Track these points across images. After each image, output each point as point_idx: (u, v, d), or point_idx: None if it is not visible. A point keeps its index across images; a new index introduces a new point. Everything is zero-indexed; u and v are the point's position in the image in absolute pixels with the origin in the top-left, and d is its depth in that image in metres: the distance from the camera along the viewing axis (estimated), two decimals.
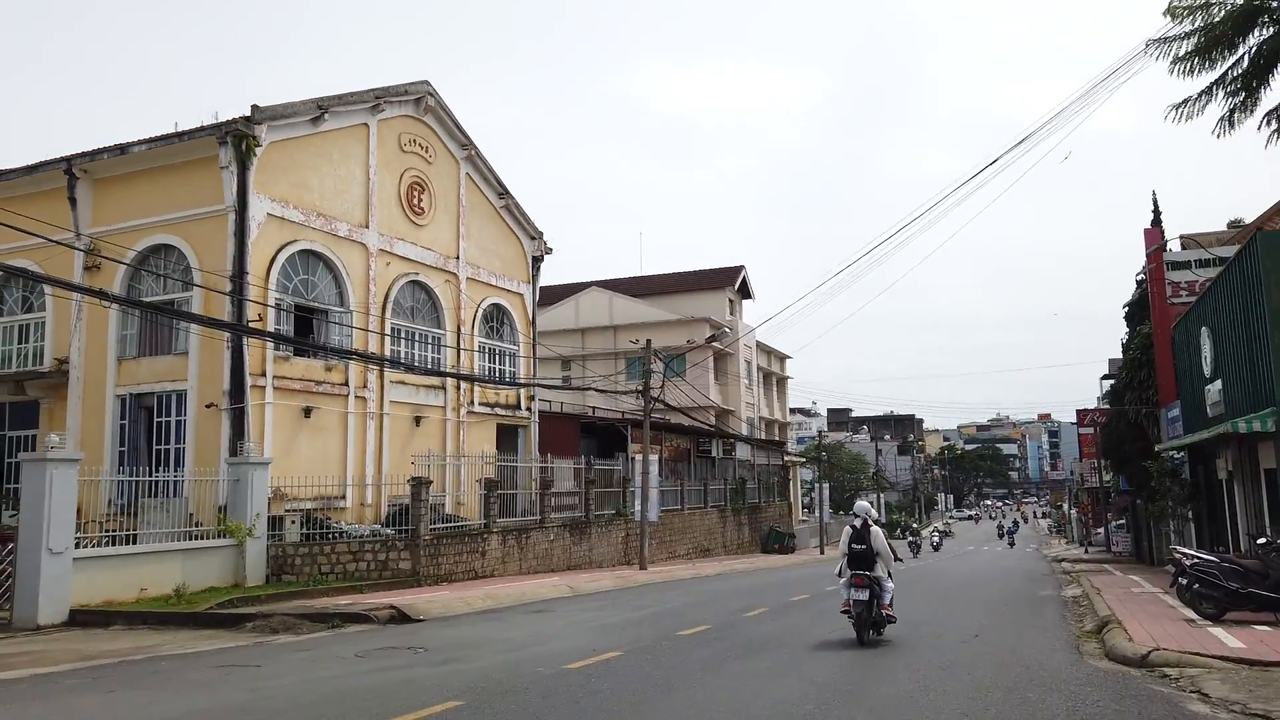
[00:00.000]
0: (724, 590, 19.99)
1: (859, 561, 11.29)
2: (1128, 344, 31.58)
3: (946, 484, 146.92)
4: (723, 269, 60.35)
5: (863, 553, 11.32)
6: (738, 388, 56.36)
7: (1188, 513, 24.77)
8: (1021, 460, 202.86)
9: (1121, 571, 25.62)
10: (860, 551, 11.34)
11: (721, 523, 38.28)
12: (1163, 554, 26.88)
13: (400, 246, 24.78)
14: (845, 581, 11.35)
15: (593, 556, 26.63)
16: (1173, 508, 24.85)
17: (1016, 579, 25.11)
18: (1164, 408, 25.58)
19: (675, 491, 34.04)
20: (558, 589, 19.39)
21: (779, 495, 47.66)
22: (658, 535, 31.40)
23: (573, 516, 26.42)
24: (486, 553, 21.50)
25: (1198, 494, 23.79)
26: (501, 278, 29.07)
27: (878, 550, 11.41)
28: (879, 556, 11.40)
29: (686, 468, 36.56)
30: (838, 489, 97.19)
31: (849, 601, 11.16)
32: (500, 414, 28.50)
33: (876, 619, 11.19)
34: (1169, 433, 24.89)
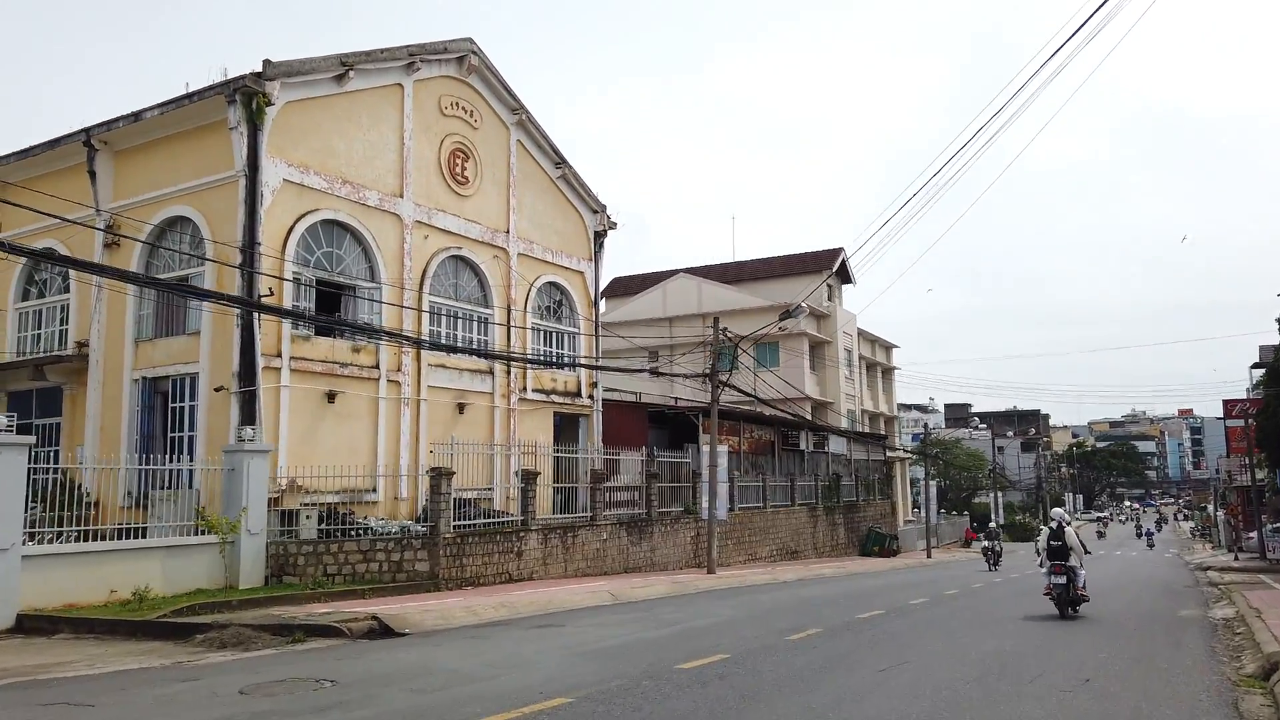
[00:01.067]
0: (786, 602, 17.09)
1: (1056, 554, 14.60)
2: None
3: (1075, 483, 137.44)
4: (819, 252, 56.80)
5: (1059, 547, 14.59)
6: (836, 378, 52.80)
7: None
8: (1160, 459, 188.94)
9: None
10: (1057, 546, 14.61)
11: (811, 522, 35.08)
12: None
13: (440, 218, 22.82)
14: (1046, 570, 14.81)
15: (655, 558, 24.08)
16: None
17: (1152, 592, 21.20)
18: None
19: (756, 488, 31.12)
20: (597, 595, 16.95)
21: (879, 493, 43.95)
22: (734, 535, 28.60)
23: (632, 514, 23.93)
24: (524, 553, 19.23)
25: None
26: (559, 254, 26.82)
27: (1071, 546, 14.61)
28: (1072, 550, 14.60)
29: (770, 462, 33.54)
30: (953, 487, 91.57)
31: (1050, 585, 14.63)
32: (558, 402, 26.26)
33: (1073, 598, 14.50)
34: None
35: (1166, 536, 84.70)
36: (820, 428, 38.22)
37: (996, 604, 17.70)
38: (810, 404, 50.08)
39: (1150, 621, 14.65)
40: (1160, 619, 15.14)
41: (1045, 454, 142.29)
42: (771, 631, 12.07)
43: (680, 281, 54.69)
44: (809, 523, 34.84)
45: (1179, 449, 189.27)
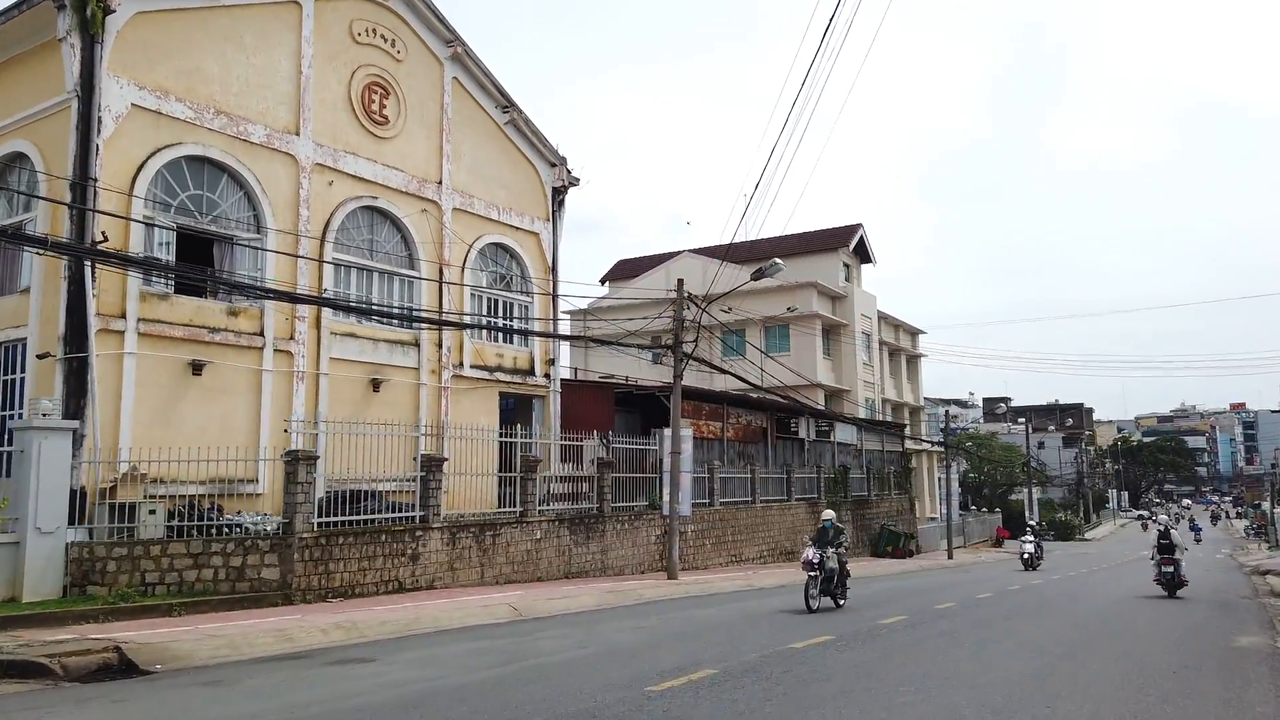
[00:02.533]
0: (725, 620, 13.46)
1: (1165, 550, 18.98)
2: None
3: (1120, 479, 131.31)
4: (836, 228, 52.83)
5: (1167, 545, 18.99)
6: (853, 364, 48.86)
7: None
8: (1210, 454, 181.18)
9: None
10: (1166, 544, 19.02)
11: (812, 519, 31.26)
12: None
13: (350, 162, 19.50)
14: (1155, 562, 19.09)
15: (608, 561, 20.59)
16: None
17: (1198, 611, 17.26)
18: None
19: (744, 479, 27.47)
20: (492, 611, 13.55)
21: (896, 488, 40.00)
22: (714, 534, 25.01)
23: (578, 509, 20.47)
24: (421, 556, 15.84)
25: None
26: (507, 212, 23.39)
27: (1176, 543, 19.00)
28: (1177, 547, 18.94)
29: (762, 451, 29.86)
30: (989, 483, 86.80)
31: (1160, 574, 18.89)
32: (504, 380, 22.86)
33: (1178, 583, 18.70)
34: None
35: (1217, 535, 79.29)
36: (824, 414, 34.43)
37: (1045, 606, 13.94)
38: (823, 392, 46.27)
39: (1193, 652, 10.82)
40: (1207, 649, 11.29)
41: (1088, 449, 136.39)
42: (648, 674, 8.52)
43: (685, 261, 50.97)
44: (809, 519, 31.04)
45: (1231, 444, 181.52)
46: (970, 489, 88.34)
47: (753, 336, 47.77)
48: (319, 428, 16.57)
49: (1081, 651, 10.84)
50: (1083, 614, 15.46)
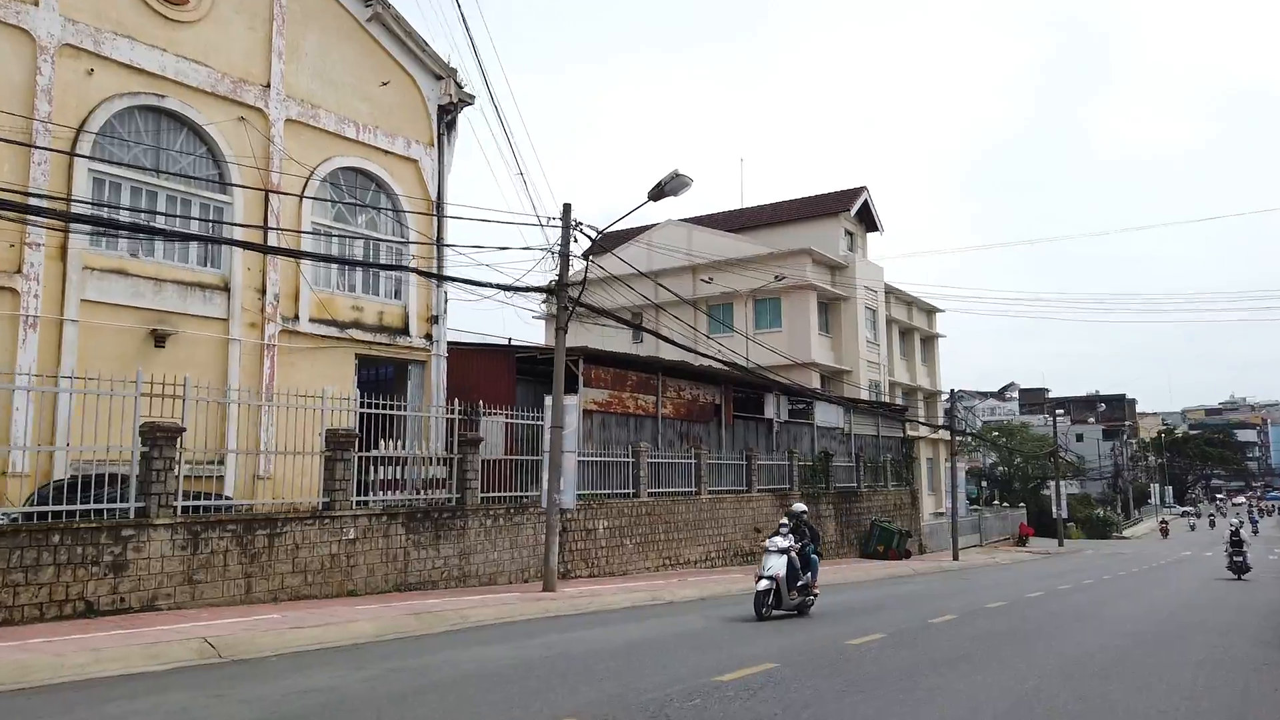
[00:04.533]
0: (481, 671, 8.74)
1: (1237, 545, 23.82)
2: None
3: (1163, 473, 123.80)
4: (836, 192, 47.68)
5: (1239, 540, 23.95)
6: (855, 342, 43.73)
7: None
8: (1261, 448, 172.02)
9: None
10: (1238, 540, 23.92)
11: (781, 513, 26.36)
12: None
13: (124, 48, 15.02)
14: (1228, 551, 23.99)
15: (471, 568, 15.94)
16: None
17: (1241, 637, 12.20)
18: None
19: (685, 465, 22.66)
20: (173, 651, 8.97)
21: (894, 478, 34.88)
22: (636, 532, 20.27)
23: (428, 500, 15.83)
24: (132, 565, 11.28)
25: None
26: (370, 130, 18.81)
27: (1244, 540, 24.41)
28: (1245, 542, 24.29)
29: (714, 432, 24.96)
30: (1020, 476, 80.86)
31: (1231, 561, 23.66)
32: (362, 340, 18.30)
33: (1246, 568, 23.53)
34: None
35: (1269, 534, 72.68)
36: (798, 391, 29.44)
37: None
38: (819, 371, 41.29)
39: None
40: None
41: (1130, 442, 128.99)
42: None
43: (668, 230, 46.24)
44: (777, 514, 26.10)
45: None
46: (999, 482, 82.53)
47: (741, 312, 42.95)
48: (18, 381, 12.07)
49: None
50: (1090, 644, 10.53)
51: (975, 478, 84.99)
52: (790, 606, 12.75)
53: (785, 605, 12.61)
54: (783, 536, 12.91)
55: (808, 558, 13.20)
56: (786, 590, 12.54)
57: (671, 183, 14.93)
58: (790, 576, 12.63)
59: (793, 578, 12.70)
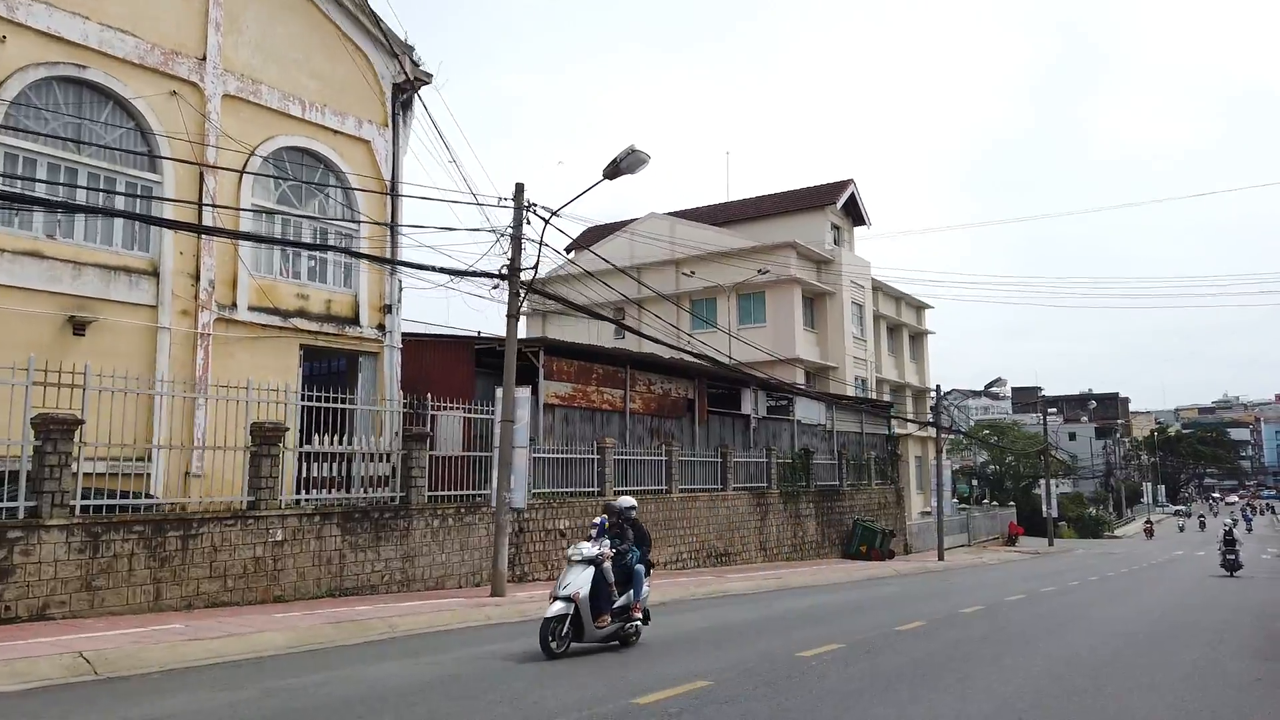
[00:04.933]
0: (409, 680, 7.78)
1: (1230, 544, 25.15)
2: None
3: (1156, 472, 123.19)
4: (822, 185, 46.76)
5: (1231, 538, 25.38)
6: (841, 338, 42.84)
7: None
8: (1254, 447, 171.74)
9: None
10: (1231, 539, 25.35)
11: (758, 513, 25.52)
12: None
13: (40, 14, 13.99)
14: (1223, 549, 25.27)
15: (416, 571, 14.98)
16: None
17: (1231, 647, 11.30)
18: None
19: (656, 463, 21.71)
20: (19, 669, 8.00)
21: (878, 476, 33.98)
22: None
23: (369, 499, 14.87)
24: (21, 571, 10.28)
25: None
26: (318, 109, 17.80)
27: (1237, 538, 25.69)
28: (1238, 541, 25.63)
29: (687, 428, 24.02)
30: (1011, 475, 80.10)
31: (1224, 559, 24.98)
32: (308, 330, 17.30)
33: (1238, 565, 24.92)
34: None
35: (1262, 531, 72.02)
36: (777, 386, 28.50)
37: None
38: (804, 367, 40.42)
39: None
40: None
41: (1123, 440, 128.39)
42: None
43: (651, 223, 45.31)
44: (753, 513, 25.29)
45: (1277, 436, 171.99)
46: (991, 481, 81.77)
47: (725, 307, 42.06)
48: None
49: None
50: (1053, 662, 9.61)
51: (967, 476, 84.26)
52: (598, 637, 9.50)
53: (590, 636, 9.37)
54: (592, 541, 9.87)
55: (629, 570, 9.96)
56: (591, 616, 9.34)
57: (628, 159, 13.98)
58: (598, 595, 9.47)
59: (603, 596, 9.53)
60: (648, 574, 10.32)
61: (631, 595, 9.93)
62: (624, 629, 9.86)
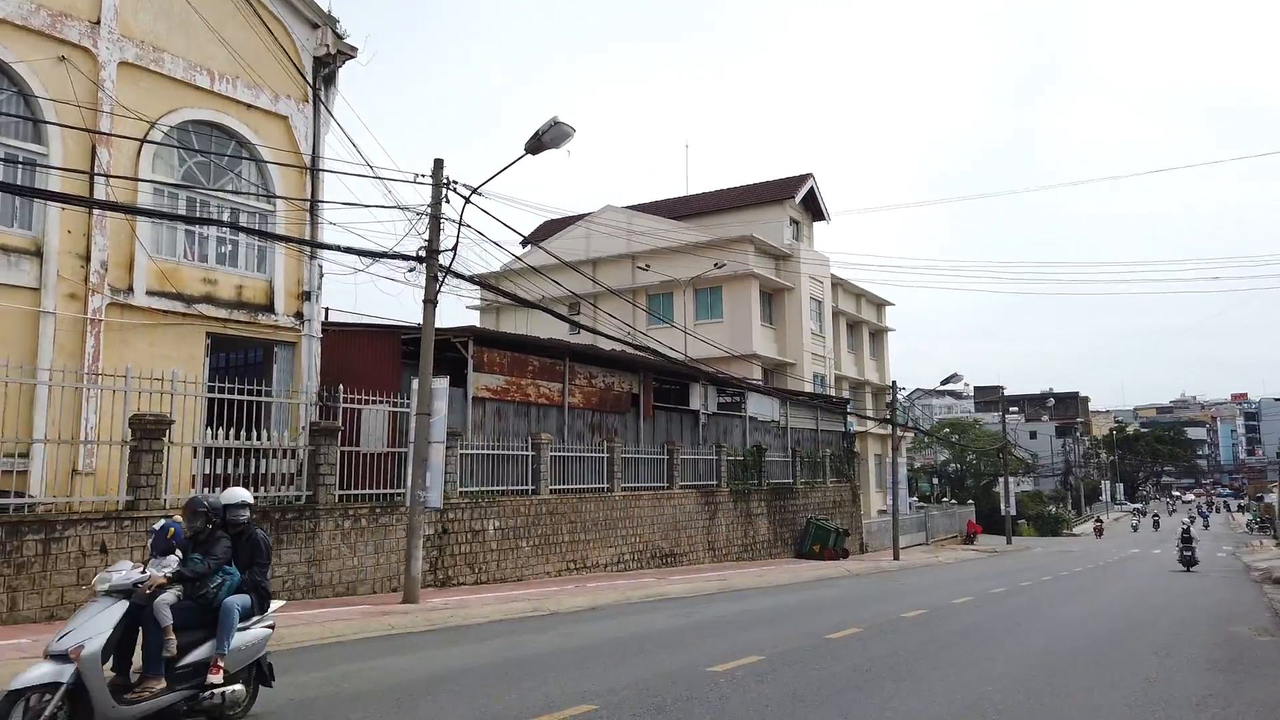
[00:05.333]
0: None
1: (1187, 541, 27.39)
2: None
3: (1114, 470, 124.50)
4: (781, 179, 46.11)
5: (1188, 536, 27.66)
6: (799, 334, 42.17)
7: None
8: (1211, 446, 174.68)
9: None
10: (1187, 536, 27.61)
11: (707, 511, 24.67)
12: None
13: None
14: (1180, 546, 27.58)
15: (324, 576, 13.93)
16: None
17: (1182, 659, 10.59)
18: None
19: (596, 460, 20.77)
20: None
21: (834, 474, 33.29)
22: (535, 533, 18.34)
23: (271, 498, 13.77)
24: None
25: None
26: (228, 81, 16.61)
27: (1193, 537, 28.07)
28: (1194, 539, 28.03)
29: (632, 423, 23.10)
30: (972, 473, 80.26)
31: (1182, 556, 27.26)
32: (216, 316, 16.13)
33: (1194, 561, 27.30)
34: None
35: (1218, 530, 72.76)
36: (727, 382, 27.68)
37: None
38: (761, 364, 39.69)
39: None
40: None
41: (1083, 439, 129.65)
42: None
43: (607, 216, 44.36)
44: (702, 512, 24.42)
45: (1232, 435, 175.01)
46: (952, 480, 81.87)
47: (681, 302, 41.19)
48: None
49: None
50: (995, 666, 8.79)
51: (928, 475, 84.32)
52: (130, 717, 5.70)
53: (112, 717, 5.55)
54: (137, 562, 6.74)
55: (212, 606, 6.40)
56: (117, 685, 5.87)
57: (551, 132, 13.01)
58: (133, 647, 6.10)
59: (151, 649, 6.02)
60: (262, 608, 6.83)
61: (223, 643, 6.29)
62: (199, 699, 6.14)
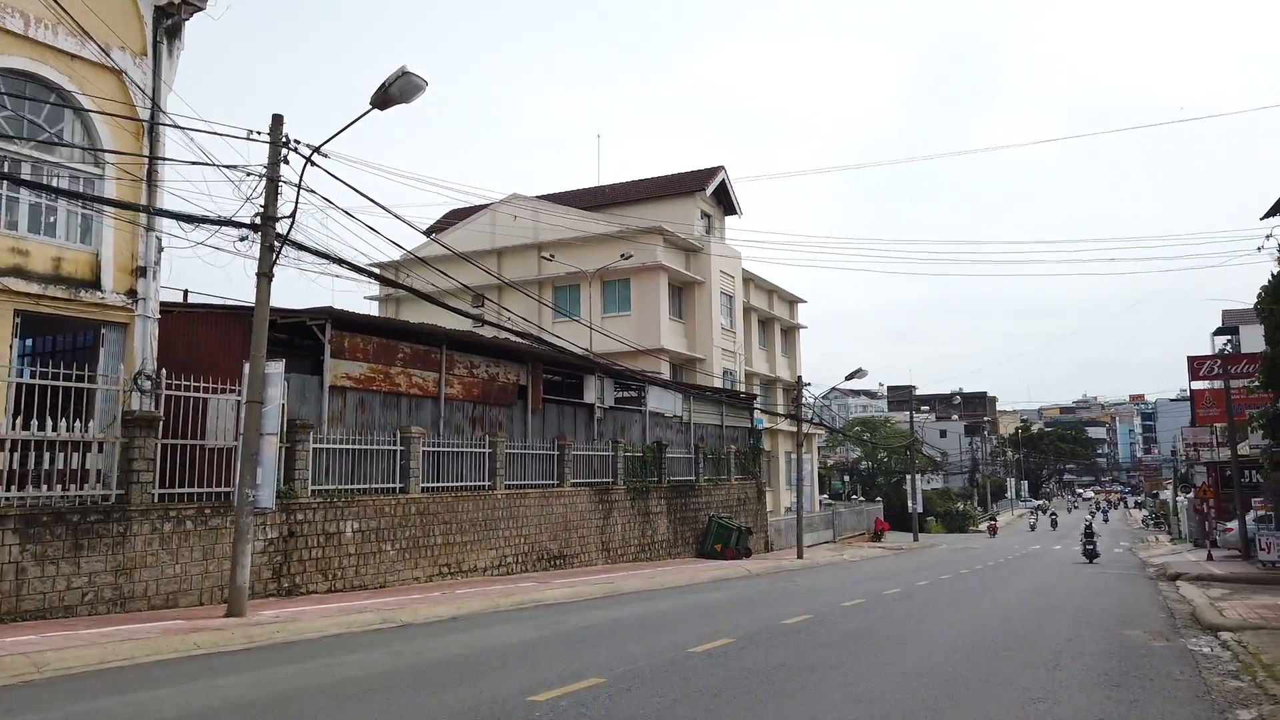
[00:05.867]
0: None
1: (1090, 535, 30.45)
2: None
3: (1019, 468, 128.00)
4: (693, 171, 45.25)
5: (1091, 531, 31.06)
6: (709, 329, 41.33)
7: None
8: (1110, 445, 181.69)
9: None
10: (1090, 531, 30.95)
11: (601, 510, 23.43)
12: None
13: None
14: (1083, 540, 30.38)
15: (135, 587, 12.20)
16: None
17: (1070, 673, 9.78)
18: None
19: (477, 455, 19.31)
20: None
21: (739, 471, 32.45)
22: (403, 535, 16.81)
23: (70, 497, 11.98)
24: None
25: None
26: (50, 28, 14.65)
27: (1095, 531, 31.61)
28: (1096, 533, 31.59)
29: (519, 416, 21.70)
30: (884, 471, 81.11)
31: (1085, 549, 30.01)
32: (27, 291, 14.16)
33: (1095, 554, 30.07)
34: None
35: (1115, 526, 74.96)
36: (624, 374, 26.49)
37: None
38: (669, 358, 38.68)
39: None
40: None
41: (990, 437, 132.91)
42: None
43: (512, 206, 42.82)
44: (595, 511, 23.18)
45: (1130, 434, 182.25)
46: (864, 477, 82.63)
47: (589, 295, 39.87)
48: None
49: None
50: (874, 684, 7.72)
51: (840, 473, 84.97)
52: None
53: None
54: None
55: None
56: None
57: (399, 83, 11.58)
58: None
59: None
60: None
61: None
62: None
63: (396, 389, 17.80)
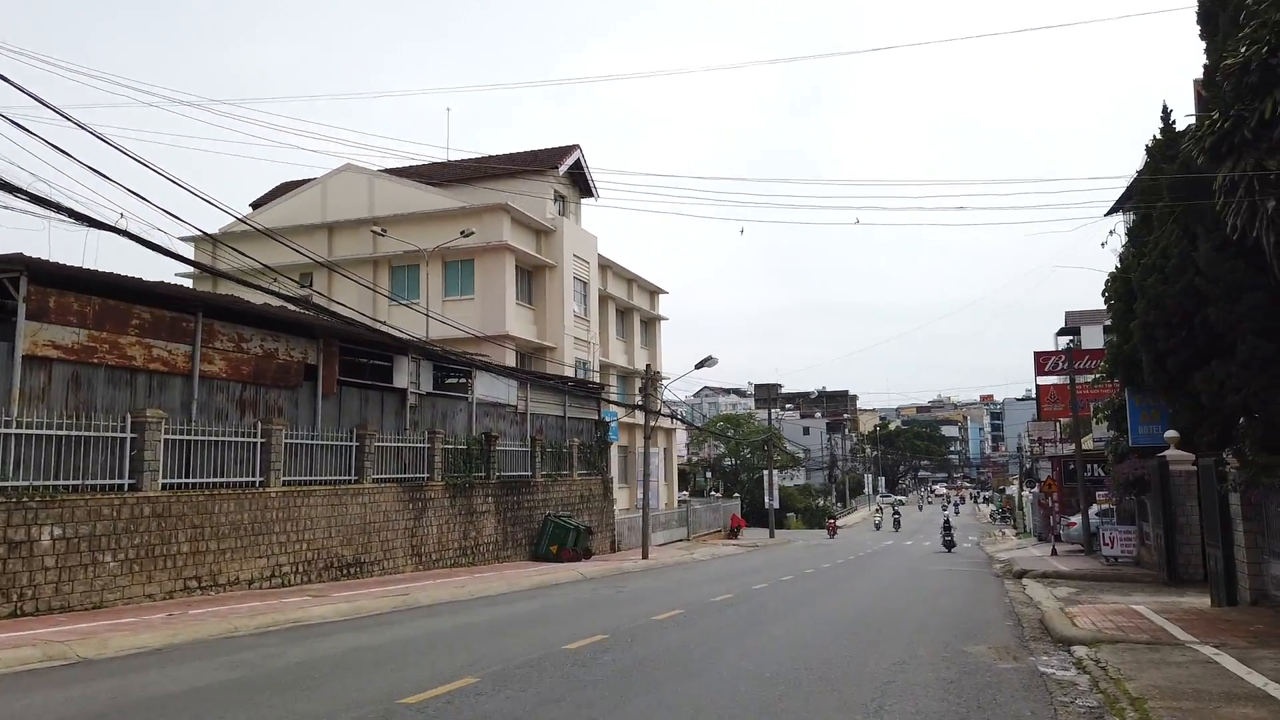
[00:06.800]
0: None
1: (948, 529, 37.59)
2: None
3: (878, 465, 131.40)
4: (546, 149, 42.65)
5: (950, 526, 38.24)
6: (560, 316, 38.82)
7: None
8: (962, 443, 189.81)
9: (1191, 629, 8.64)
10: (949, 526, 38.12)
11: (412, 509, 20.60)
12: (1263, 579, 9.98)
13: None
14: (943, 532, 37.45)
15: None
16: None
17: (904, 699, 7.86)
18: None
19: (244, 446, 16.17)
20: None
21: (583, 466, 30.13)
22: (135, 542, 13.61)
23: None
24: None
25: None
26: None
27: (953, 525, 39.52)
28: (954, 527, 39.56)
29: (306, 401, 18.59)
30: (746, 468, 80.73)
31: (944, 542, 36.19)
32: None
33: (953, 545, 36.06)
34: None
35: (965, 520, 76.94)
36: (447, 358, 23.68)
37: None
38: (516, 346, 35.95)
39: None
40: None
41: (850, 435, 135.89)
42: None
43: (346, 178, 39.21)
44: (405, 511, 20.33)
45: (980, 433, 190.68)
46: (727, 474, 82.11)
47: (429, 276, 36.68)
48: None
49: None
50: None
51: (704, 469, 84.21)
52: None
53: None
54: None
55: None
56: None
57: None
58: None
59: None
60: None
61: None
62: None
63: (130, 363, 14.49)
